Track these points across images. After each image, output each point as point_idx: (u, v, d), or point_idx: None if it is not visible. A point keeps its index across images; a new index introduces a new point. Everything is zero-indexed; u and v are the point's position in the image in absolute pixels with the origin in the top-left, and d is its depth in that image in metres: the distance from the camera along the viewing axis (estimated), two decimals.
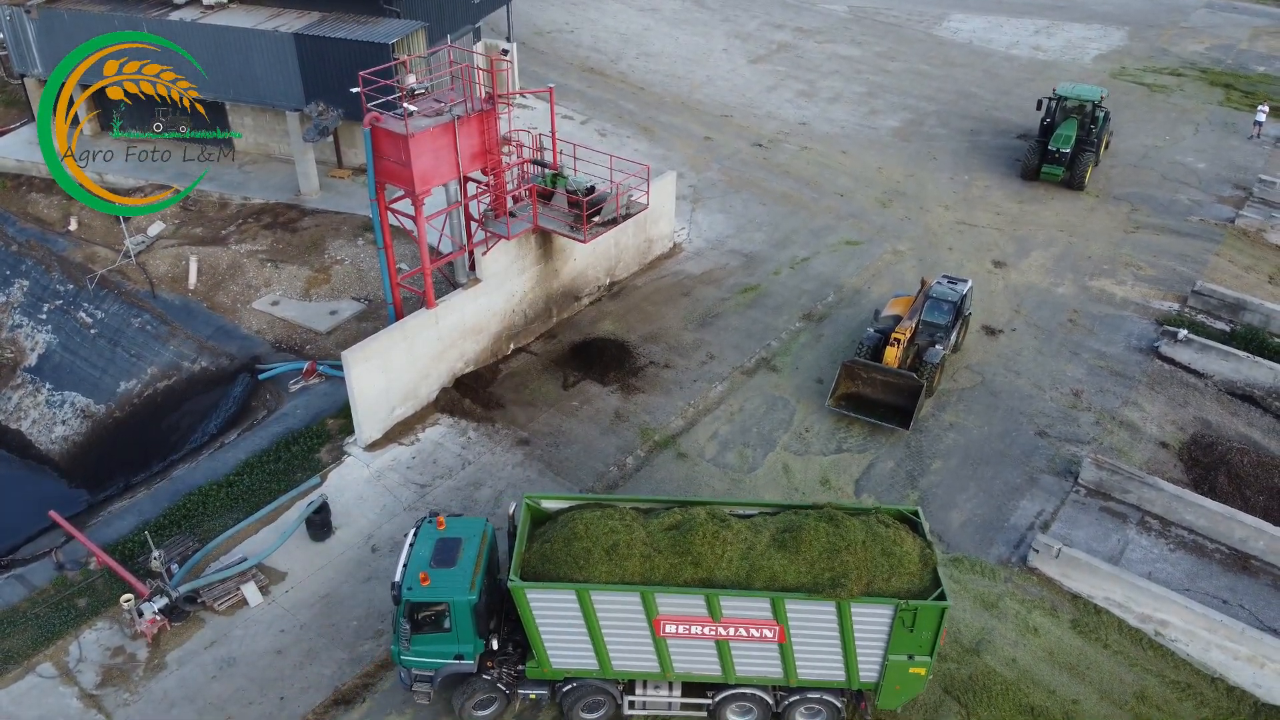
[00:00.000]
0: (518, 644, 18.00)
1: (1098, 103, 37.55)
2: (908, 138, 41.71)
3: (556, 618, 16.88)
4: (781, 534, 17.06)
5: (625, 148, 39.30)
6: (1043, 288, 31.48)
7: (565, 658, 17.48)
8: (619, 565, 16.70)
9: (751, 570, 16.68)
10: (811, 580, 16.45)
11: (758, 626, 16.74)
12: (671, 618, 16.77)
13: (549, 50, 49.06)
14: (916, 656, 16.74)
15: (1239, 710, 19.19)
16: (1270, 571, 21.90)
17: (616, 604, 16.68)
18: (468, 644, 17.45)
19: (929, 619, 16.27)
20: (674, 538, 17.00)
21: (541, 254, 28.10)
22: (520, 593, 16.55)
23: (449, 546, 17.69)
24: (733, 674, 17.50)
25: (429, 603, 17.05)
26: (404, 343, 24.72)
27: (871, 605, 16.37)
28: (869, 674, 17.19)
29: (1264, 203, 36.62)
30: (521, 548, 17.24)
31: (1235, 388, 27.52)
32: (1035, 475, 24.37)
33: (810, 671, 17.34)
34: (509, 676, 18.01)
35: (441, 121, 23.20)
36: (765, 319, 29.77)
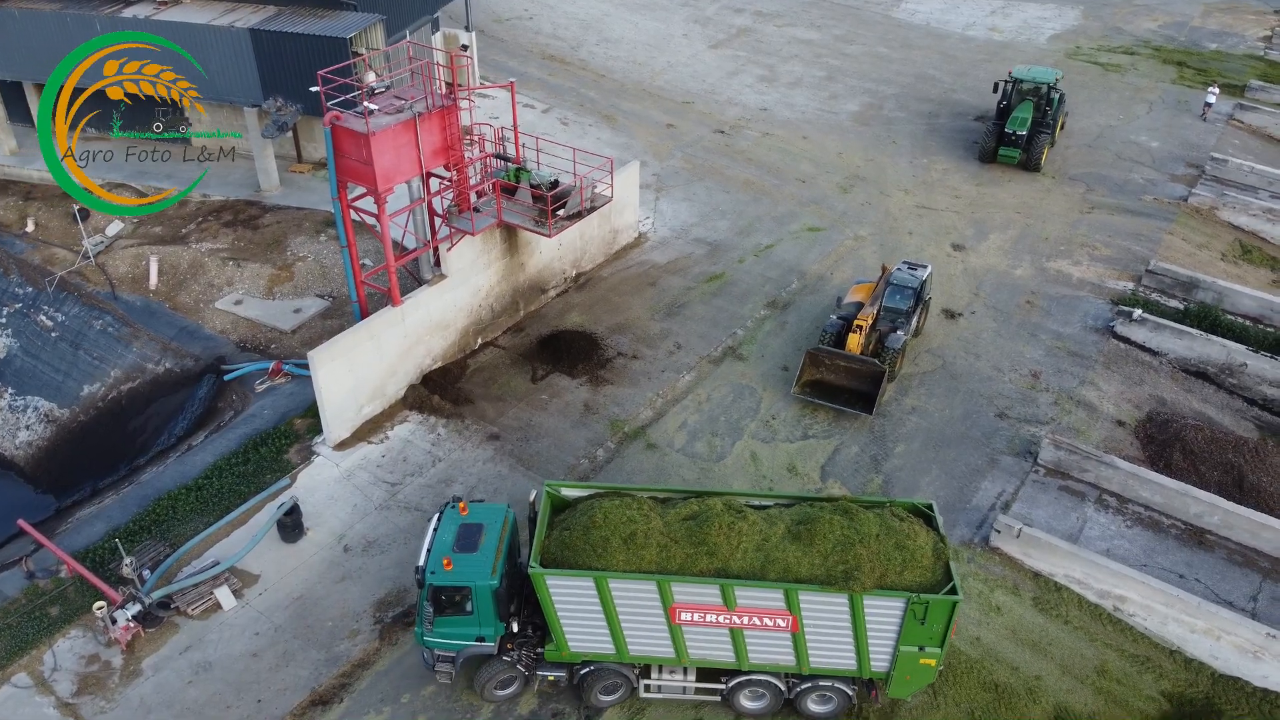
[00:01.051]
0: (537, 627, 18.49)
1: (1053, 84, 38.09)
2: (867, 122, 42.08)
3: (575, 604, 17.34)
4: (796, 526, 17.38)
5: (587, 136, 39.37)
6: (1001, 270, 32.04)
7: (583, 642, 17.96)
8: (636, 554, 17.05)
9: (766, 561, 17.02)
10: (825, 572, 16.79)
11: (771, 616, 17.11)
12: (687, 606, 17.17)
13: (508, 38, 48.84)
14: (927, 648, 17.12)
15: (1197, 682, 19.83)
16: (1225, 545, 22.59)
17: (633, 592, 17.10)
18: (489, 627, 18.00)
19: (940, 612, 16.63)
20: (690, 528, 17.34)
21: (507, 248, 28.16)
22: (540, 579, 16.97)
23: (471, 532, 18.17)
24: (746, 661, 17.94)
25: (452, 587, 17.47)
26: (370, 341, 24.73)
27: (884, 598, 16.71)
28: (880, 664, 17.60)
29: (1216, 180, 37.40)
30: (542, 535, 17.60)
31: (1189, 365, 28.22)
32: (995, 456, 24.92)
33: (822, 660, 17.74)
34: (528, 658, 18.58)
35: (402, 119, 23.14)
36: (730, 307, 30.07)
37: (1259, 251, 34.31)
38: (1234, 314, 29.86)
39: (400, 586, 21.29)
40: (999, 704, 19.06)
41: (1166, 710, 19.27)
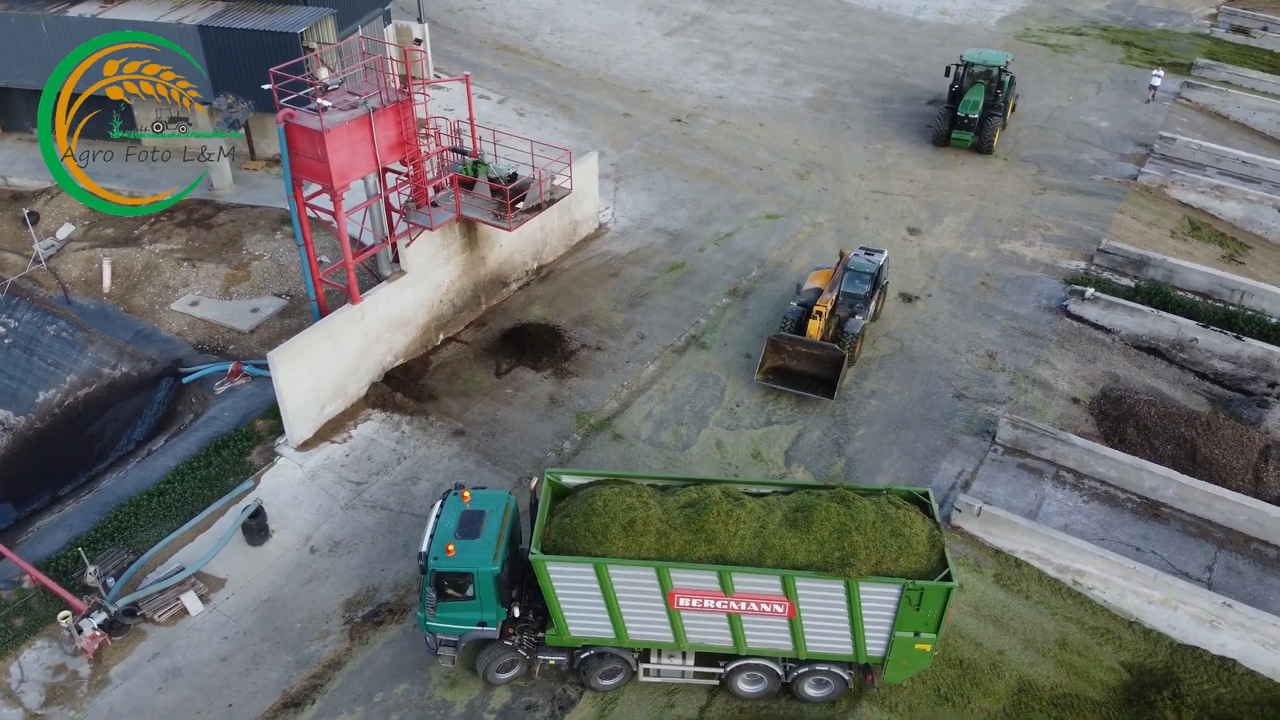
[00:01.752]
0: (538, 612, 18.72)
1: (1003, 67, 38.60)
2: (822, 108, 42.36)
3: (575, 589, 17.56)
4: (794, 513, 17.59)
5: (544, 126, 39.28)
6: (956, 253, 32.49)
7: (583, 627, 18.20)
8: (635, 541, 17.28)
9: (763, 548, 17.23)
10: (822, 559, 17.01)
11: (768, 602, 17.34)
12: (685, 591, 17.38)
13: (461, 28, 48.50)
14: (922, 633, 17.39)
15: (1155, 651, 20.34)
16: (1179, 518, 23.18)
17: (633, 578, 17.33)
18: (490, 611, 18.27)
19: (935, 599, 16.89)
20: (689, 515, 17.54)
21: (466, 242, 28.07)
22: (541, 565, 17.20)
23: (473, 519, 18.44)
24: (744, 646, 18.17)
25: (454, 572, 17.71)
26: (330, 340, 24.57)
27: (879, 585, 16.94)
28: (876, 649, 17.86)
29: (1165, 159, 38.17)
30: (543, 522, 17.80)
31: (1141, 341, 28.85)
32: (955, 436, 25.34)
33: (819, 645, 17.99)
34: (529, 643, 18.84)
35: (357, 114, 22.96)
36: (692, 297, 30.24)
37: (1207, 228, 35.08)
38: (1184, 290, 30.54)
39: (369, 586, 21.27)
40: (964, 680, 19.47)
41: (1127, 680, 19.78)
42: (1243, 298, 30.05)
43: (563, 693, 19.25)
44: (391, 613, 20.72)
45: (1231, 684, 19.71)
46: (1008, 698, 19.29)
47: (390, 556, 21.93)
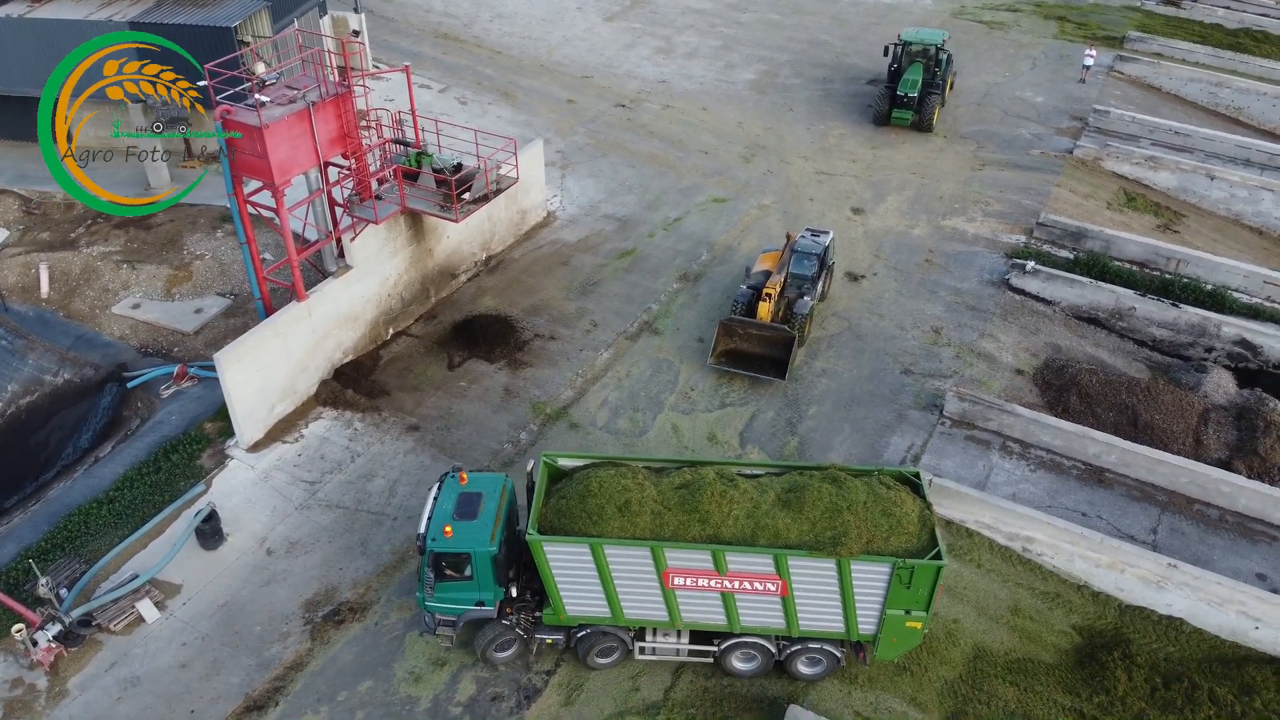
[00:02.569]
0: (535, 592, 18.96)
1: (940, 45, 39.10)
2: (764, 90, 42.58)
3: (571, 569, 17.77)
4: (786, 494, 17.80)
5: (488, 115, 39.03)
6: (899, 231, 32.96)
7: (580, 606, 18.41)
8: (631, 521, 17.47)
9: (756, 528, 17.44)
10: (814, 538, 17.23)
11: (761, 580, 17.55)
12: (680, 571, 17.60)
13: (399, 17, 47.89)
14: (913, 611, 17.64)
15: (1104, 614, 20.91)
16: (1123, 482, 23.84)
17: (628, 557, 17.53)
18: (488, 591, 18.54)
19: (925, 577, 17.13)
20: (683, 496, 17.74)
21: (413, 235, 27.85)
22: (538, 545, 17.42)
23: (471, 500, 18.68)
24: (737, 624, 18.38)
25: (452, 553, 17.97)
26: (277, 339, 24.27)
27: (870, 563, 17.16)
28: (868, 627, 18.11)
29: (1099, 131, 38.99)
30: (539, 503, 17.99)
31: (1081, 312, 29.54)
32: (903, 411, 25.78)
33: (811, 623, 18.24)
34: (527, 622, 19.09)
35: (296, 109, 22.64)
36: (644, 282, 30.32)
37: (1142, 198, 35.94)
38: (1121, 260, 31.30)
39: (328, 585, 21.14)
40: (922, 649, 19.84)
41: (1078, 642, 20.35)
42: (1178, 266, 30.88)
43: (528, 682, 19.34)
44: (352, 611, 20.62)
45: (1179, 642, 20.36)
46: (964, 665, 19.77)
47: (348, 555, 21.81)
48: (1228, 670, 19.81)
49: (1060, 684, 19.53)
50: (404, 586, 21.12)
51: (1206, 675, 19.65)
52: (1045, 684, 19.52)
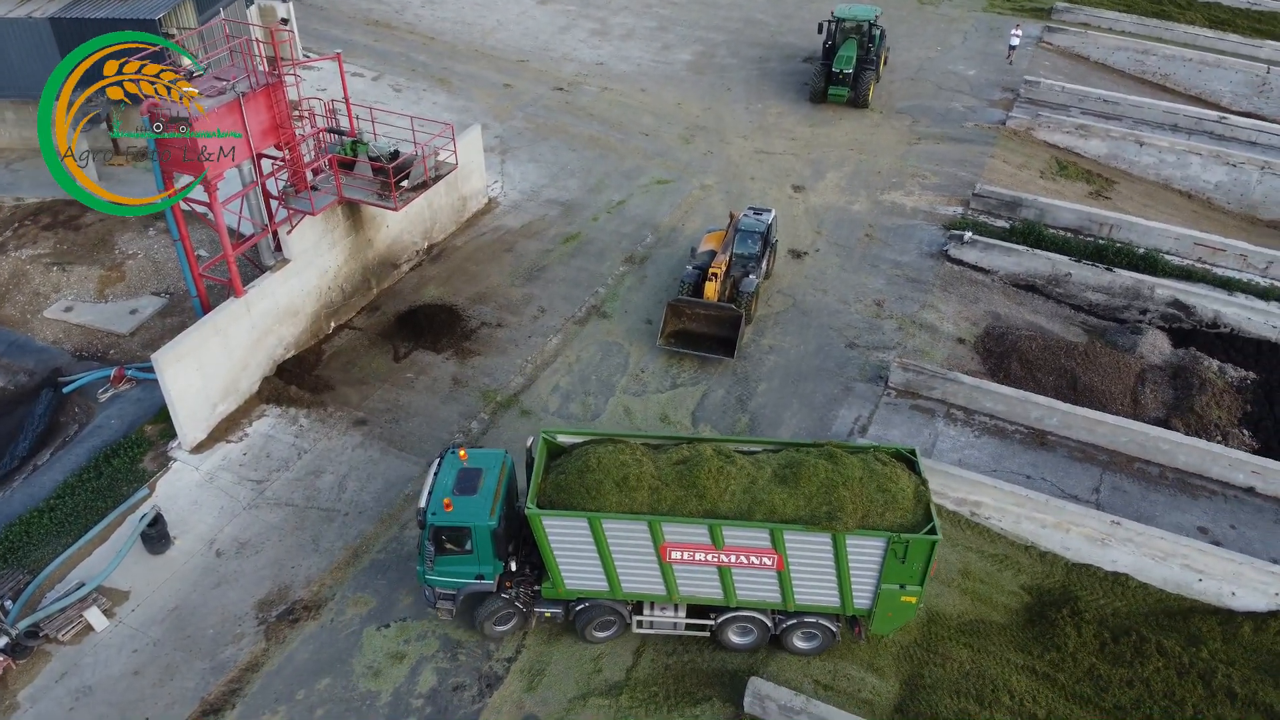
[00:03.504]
0: (534, 566, 19.11)
1: (873, 21, 39.41)
2: (701, 70, 42.60)
3: (570, 543, 17.91)
4: (783, 469, 17.90)
5: (423, 102, 38.52)
6: (840, 207, 33.25)
7: (578, 580, 18.56)
8: (629, 496, 17.57)
9: (753, 503, 17.53)
10: (810, 514, 17.33)
11: (758, 555, 17.68)
12: (677, 545, 17.71)
13: (328, 5, 47.00)
14: (908, 586, 17.77)
15: (1052, 572, 21.39)
16: (1065, 444, 24.39)
17: (626, 532, 17.64)
18: (488, 565, 18.68)
19: (920, 551, 17.27)
20: (681, 471, 17.85)
21: (351, 225, 27.43)
22: (537, 520, 17.55)
23: (471, 476, 18.84)
24: (734, 598, 18.52)
25: (452, 527, 18.09)
26: (216, 336, 23.77)
27: (865, 538, 17.28)
28: (863, 601, 18.26)
29: (1030, 102, 39.65)
30: (538, 478, 18.11)
31: (1019, 280, 30.10)
32: (850, 384, 26.08)
33: (807, 598, 18.38)
34: (526, 596, 19.25)
35: (226, 100, 22.10)
36: (590, 267, 30.22)
37: (1074, 166, 36.68)
38: (1056, 228, 31.94)
39: (281, 584, 20.83)
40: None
41: (1028, 602, 20.83)
42: (1111, 231, 31.61)
43: (489, 670, 19.28)
44: (307, 609, 20.36)
45: (1125, 597, 20.93)
46: (918, 630, 20.10)
47: (300, 553, 21.51)
48: (1174, 622, 20.44)
49: (1012, 643, 19.99)
50: (358, 582, 20.92)
51: (1154, 628, 20.24)
52: (998, 644, 19.95)
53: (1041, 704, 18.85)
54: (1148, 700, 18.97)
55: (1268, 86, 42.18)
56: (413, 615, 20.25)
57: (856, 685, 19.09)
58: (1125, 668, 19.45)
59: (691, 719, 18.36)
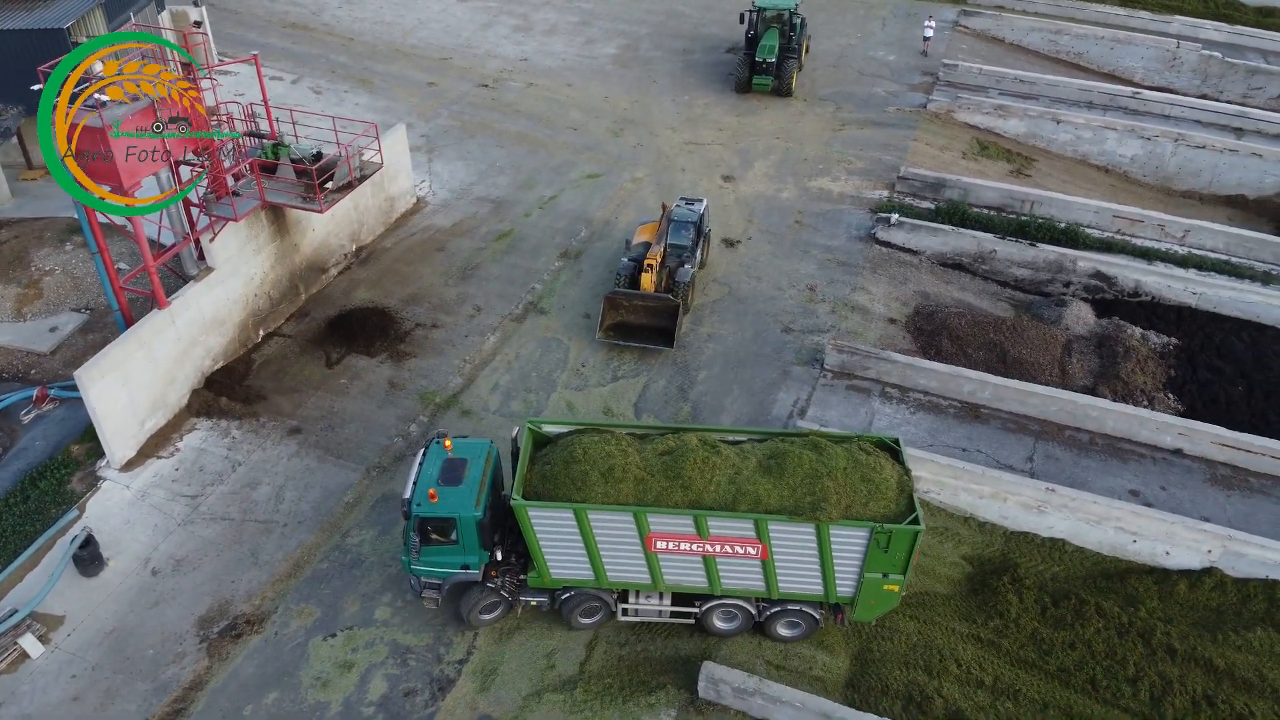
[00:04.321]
0: (520, 555, 19.18)
1: (794, 10, 39.78)
2: (627, 64, 42.60)
3: (556, 533, 17.96)
4: (768, 460, 17.91)
5: (345, 103, 37.93)
6: (769, 195, 33.53)
7: (564, 569, 18.62)
8: (615, 487, 17.59)
9: (738, 493, 17.54)
10: (794, 504, 17.37)
11: (742, 544, 17.73)
12: (663, 535, 17.77)
13: (242, 9, 45.97)
14: (890, 575, 17.88)
15: (991, 542, 21.85)
16: (998, 416, 24.92)
17: (612, 522, 17.70)
18: (473, 555, 18.73)
19: (903, 541, 17.38)
20: (666, 462, 17.86)
21: (276, 230, 26.87)
22: (523, 510, 17.55)
23: (456, 466, 18.82)
24: (719, 586, 18.57)
25: (437, 518, 18.11)
26: (141, 350, 23.11)
27: (849, 528, 17.35)
28: (846, 590, 18.36)
29: (949, 85, 40.40)
30: (524, 469, 18.10)
31: (945, 259, 30.68)
32: (787, 368, 26.32)
33: (790, 586, 18.46)
34: (511, 585, 19.31)
35: (140, 107, 21.50)
36: (524, 263, 30.04)
37: (995, 146, 37.49)
38: (979, 206, 32.60)
39: (221, 600, 20.34)
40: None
41: (970, 572, 21.26)
42: (1032, 207, 32.38)
43: (440, 673, 19.08)
44: (249, 623, 19.91)
45: (1063, 561, 21.47)
46: None
47: (239, 567, 21.03)
48: (1111, 584, 21.04)
49: (957, 613, 20.39)
50: (301, 593, 20.53)
51: (1092, 590, 20.81)
52: (943, 614, 20.34)
53: (988, 670, 19.27)
54: (1090, 661, 19.50)
55: (1178, 61, 43.57)
56: (359, 623, 19.95)
57: (808, 663, 19.30)
58: (1067, 630, 19.96)
59: (647, 707, 18.38)
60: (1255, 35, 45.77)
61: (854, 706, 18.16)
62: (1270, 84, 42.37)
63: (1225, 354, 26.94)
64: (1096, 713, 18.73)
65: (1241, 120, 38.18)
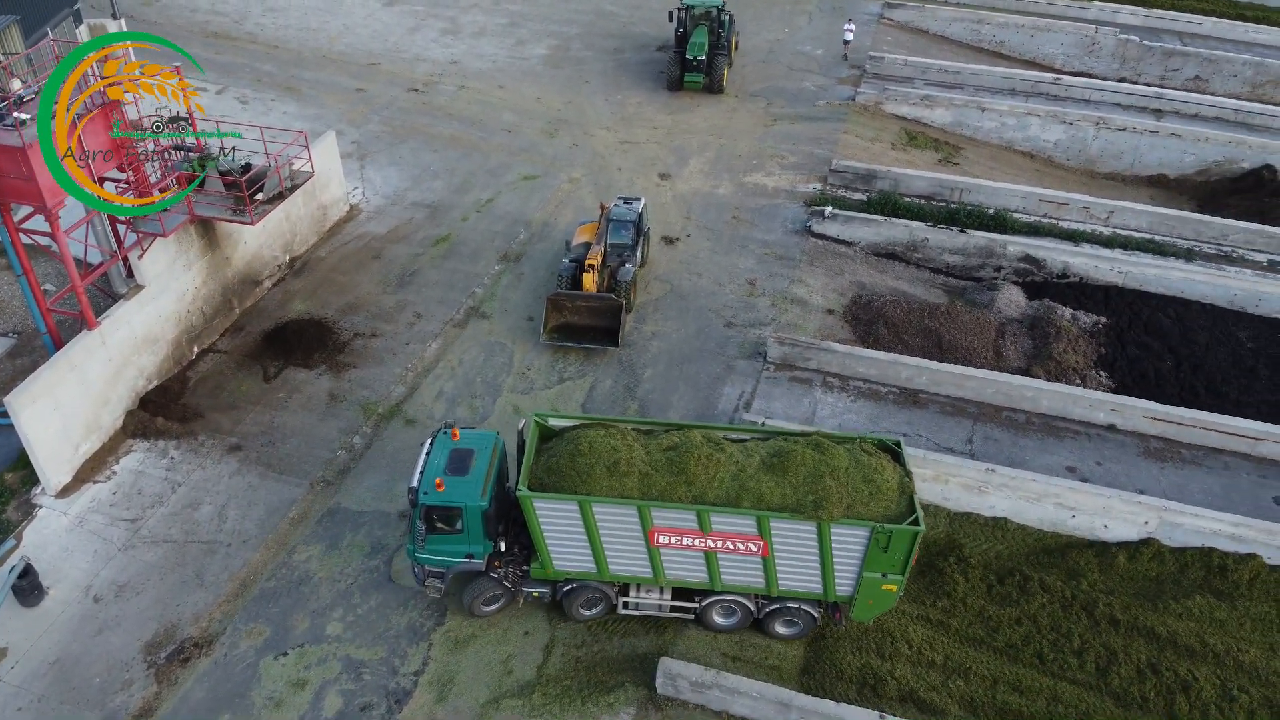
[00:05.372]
0: (523, 546, 19.43)
1: (721, 7, 40.05)
2: (558, 64, 42.53)
3: (560, 525, 18.18)
4: (771, 458, 18.04)
5: (272, 112, 37.29)
6: (706, 191, 33.77)
7: (566, 561, 18.82)
8: (619, 481, 17.77)
9: (741, 490, 17.68)
10: (796, 502, 17.49)
11: (744, 541, 17.87)
12: (665, 530, 17.95)
13: (163, 20, 44.89)
14: (889, 575, 18.02)
15: (935, 524, 22.18)
16: (936, 401, 25.43)
17: (615, 515, 17.88)
18: (478, 545, 18.95)
19: (902, 541, 17.51)
20: (671, 458, 18.06)
21: (206, 244, 26.35)
22: (528, 502, 17.76)
23: (462, 456, 19.04)
24: (719, 582, 18.75)
25: (443, 507, 18.34)
26: (72, 373, 22.50)
27: (850, 527, 17.47)
28: (844, 588, 18.49)
29: (877, 77, 41.03)
30: (530, 461, 18.29)
31: (879, 249, 31.19)
32: (731, 362, 26.56)
33: (790, 583, 18.60)
34: (514, 575, 19.51)
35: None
36: (464, 267, 29.84)
37: (923, 136, 38.19)
38: (910, 196, 33.20)
39: (167, 624, 19.91)
40: None
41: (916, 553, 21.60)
42: (962, 195, 33.07)
43: (396, 685, 18.92)
44: (197, 646, 19.53)
45: (1006, 539, 21.97)
46: None
47: (183, 589, 20.61)
48: (1053, 559, 21.60)
49: (906, 595, 20.68)
50: (250, 613, 20.19)
51: (1035, 566, 21.35)
52: None
53: (939, 650, 19.68)
54: (1036, 636, 20.02)
55: (1097, 46, 44.81)
56: (310, 640, 19.69)
57: (763, 653, 19.52)
58: (1013, 607, 20.46)
59: (606, 707, 18.44)
60: (1171, 18, 47.29)
61: (810, 693, 18.40)
62: (1186, 65, 43.82)
63: (1152, 330, 27.81)
64: (1045, 686, 19.24)
65: (1160, 102, 39.41)
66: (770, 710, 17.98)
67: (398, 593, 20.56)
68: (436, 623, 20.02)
